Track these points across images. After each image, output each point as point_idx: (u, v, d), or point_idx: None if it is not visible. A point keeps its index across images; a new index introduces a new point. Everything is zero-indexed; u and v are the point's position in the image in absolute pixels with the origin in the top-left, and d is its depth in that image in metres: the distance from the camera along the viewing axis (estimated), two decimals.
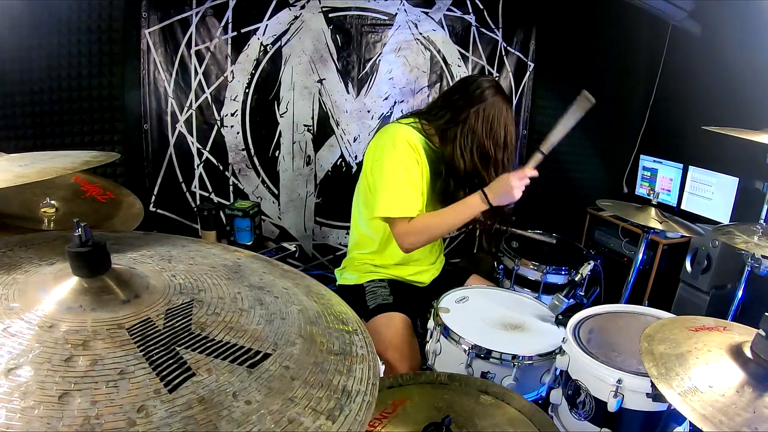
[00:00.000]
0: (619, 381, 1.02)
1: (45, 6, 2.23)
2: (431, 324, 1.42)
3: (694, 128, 1.95)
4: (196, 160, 2.70)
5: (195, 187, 2.74)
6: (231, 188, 2.80)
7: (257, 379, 0.50)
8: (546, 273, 1.83)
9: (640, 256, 1.85)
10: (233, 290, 0.65)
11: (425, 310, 1.62)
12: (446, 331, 1.33)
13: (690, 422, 0.78)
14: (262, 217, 2.75)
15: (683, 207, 2.86)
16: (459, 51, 2.88)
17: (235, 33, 2.57)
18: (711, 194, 2.69)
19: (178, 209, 2.74)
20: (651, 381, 0.95)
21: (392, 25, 2.77)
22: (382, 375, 1.20)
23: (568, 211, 3.25)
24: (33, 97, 2.34)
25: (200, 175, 2.73)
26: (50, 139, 2.41)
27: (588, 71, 3.08)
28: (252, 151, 2.76)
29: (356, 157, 2.91)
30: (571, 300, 1.43)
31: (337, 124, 2.84)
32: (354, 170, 2.92)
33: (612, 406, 1.03)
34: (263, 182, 2.83)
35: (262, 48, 2.62)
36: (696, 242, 2.46)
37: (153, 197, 2.68)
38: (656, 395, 1.00)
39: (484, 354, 1.25)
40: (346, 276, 1.78)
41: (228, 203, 2.46)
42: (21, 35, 2.22)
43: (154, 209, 2.69)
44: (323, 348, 0.59)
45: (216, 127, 2.68)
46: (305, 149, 2.83)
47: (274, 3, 2.58)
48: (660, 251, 2.62)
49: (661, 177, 3.04)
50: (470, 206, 1.52)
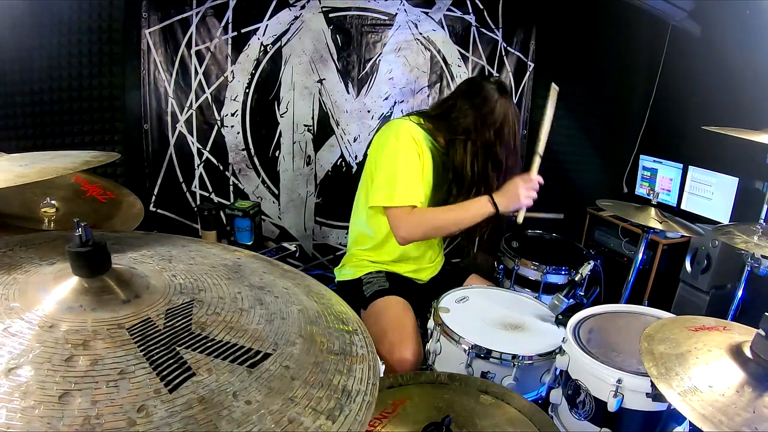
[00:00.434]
0: (619, 381, 1.02)
1: (45, 6, 2.23)
2: (431, 324, 1.42)
3: (694, 128, 1.95)
4: (197, 160, 2.70)
5: (195, 187, 2.74)
6: (231, 188, 2.80)
7: (257, 379, 0.50)
8: (546, 273, 1.83)
9: (640, 256, 1.85)
10: (233, 290, 0.65)
11: (423, 309, 1.62)
12: (446, 331, 1.33)
13: (690, 422, 0.78)
14: (263, 217, 2.75)
15: (683, 207, 2.86)
16: (459, 51, 2.88)
17: (236, 33, 2.57)
18: (711, 194, 2.69)
19: (179, 209, 2.74)
20: (651, 381, 0.95)
21: (392, 25, 2.77)
22: (382, 374, 1.20)
23: (568, 211, 3.25)
24: (33, 97, 2.33)
25: (200, 175, 2.73)
26: (50, 139, 2.41)
27: (588, 71, 3.08)
28: (252, 151, 2.77)
29: (356, 157, 2.91)
30: (571, 300, 1.43)
31: (338, 124, 2.84)
32: (354, 170, 2.92)
33: (612, 406, 1.03)
34: (263, 182, 2.83)
35: (263, 48, 2.62)
36: (696, 242, 2.47)
37: (153, 197, 2.68)
38: (656, 395, 1.00)
39: (484, 354, 1.25)
40: (345, 272, 1.78)
41: (228, 203, 2.46)
42: (21, 35, 2.22)
43: (155, 209, 2.69)
44: (323, 348, 0.59)
45: (216, 127, 2.68)
46: (305, 149, 2.83)
47: (275, 3, 2.58)
48: (660, 251, 2.62)
49: (661, 177, 3.04)
50: (476, 208, 1.51)
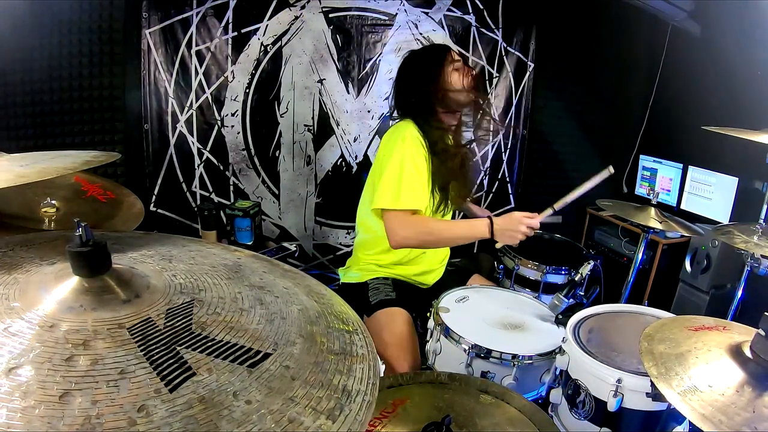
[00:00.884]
0: (619, 380, 1.03)
1: (46, 6, 2.23)
2: (431, 323, 1.42)
3: (694, 128, 1.95)
4: (197, 160, 2.70)
5: (195, 187, 2.74)
6: (231, 188, 2.80)
7: (257, 379, 0.50)
8: (546, 273, 1.83)
9: (640, 256, 1.85)
10: (234, 290, 0.65)
11: (424, 308, 1.62)
12: (446, 331, 1.33)
13: (690, 422, 0.78)
14: (263, 217, 2.75)
15: (683, 207, 2.86)
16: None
17: (236, 33, 2.57)
18: (710, 194, 2.69)
19: (179, 209, 2.74)
20: (651, 380, 0.95)
21: (392, 26, 2.77)
22: (382, 374, 1.20)
23: (568, 211, 3.26)
24: (34, 97, 2.34)
25: (201, 175, 2.73)
26: (51, 139, 2.41)
27: (588, 71, 3.09)
28: (252, 151, 2.77)
29: (356, 157, 2.91)
30: (571, 300, 1.43)
31: (338, 124, 2.84)
32: (354, 170, 2.92)
33: (612, 406, 1.03)
34: (263, 182, 2.83)
35: (263, 48, 2.62)
36: (696, 242, 2.47)
37: (153, 197, 2.68)
38: (656, 395, 1.00)
39: (484, 353, 1.25)
40: (351, 274, 1.79)
41: (228, 203, 2.46)
42: (22, 35, 2.22)
43: (155, 209, 2.69)
44: (323, 348, 0.59)
45: (216, 127, 2.68)
46: (305, 149, 2.83)
47: (275, 3, 2.58)
48: (660, 251, 2.62)
49: (661, 177, 3.04)
50: (474, 228, 1.52)
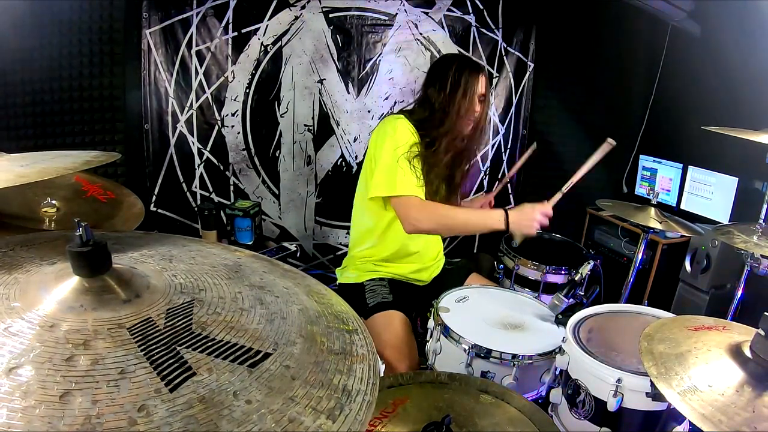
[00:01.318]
0: (619, 380, 1.03)
1: (46, 6, 2.23)
2: (431, 323, 1.42)
3: (694, 128, 1.95)
4: (197, 160, 2.70)
5: (196, 187, 2.74)
6: (231, 188, 2.80)
7: (258, 379, 0.50)
8: (546, 273, 1.83)
9: (640, 256, 1.85)
10: (234, 290, 0.65)
11: (426, 309, 1.62)
12: (446, 331, 1.33)
13: (689, 421, 0.78)
14: (263, 217, 2.75)
15: (683, 207, 2.86)
16: (459, 51, 2.88)
17: (236, 33, 2.57)
18: (710, 194, 2.69)
19: (179, 209, 2.74)
20: (650, 380, 0.95)
21: (392, 26, 2.77)
22: (382, 374, 1.20)
23: (568, 211, 3.26)
24: (34, 97, 2.34)
25: (201, 175, 2.73)
26: (51, 139, 2.41)
27: (588, 71, 3.09)
28: (252, 151, 2.77)
29: (356, 157, 2.91)
30: (571, 299, 1.43)
31: (338, 124, 2.84)
32: (354, 170, 2.92)
33: (612, 406, 1.03)
34: (264, 182, 2.83)
35: (263, 48, 2.62)
36: (695, 242, 2.47)
37: (154, 197, 2.68)
38: (656, 394, 1.00)
39: (484, 353, 1.25)
40: (347, 275, 1.79)
41: (228, 203, 2.46)
42: (22, 35, 2.22)
43: (155, 209, 2.69)
44: (323, 347, 0.59)
45: (216, 127, 2.68)
46: (306, 149, 2.83)
47: (275, 3, 2.58)
48: (659, 251, 2.62)
49: (661, 177, 3.04)
50: (489, 218, 1.53)
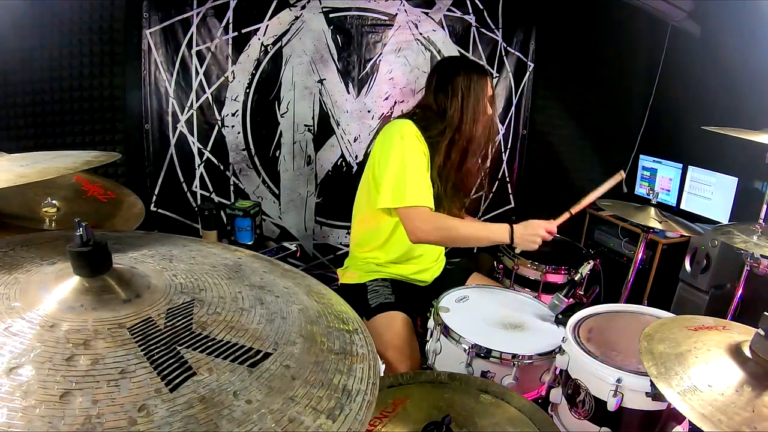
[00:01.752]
0: (619, 380, 1.03)
1: (46, 6, 2.23)
2: (431, 323, 1.42)
3: (694, 128, 1.96)
4: (197, 160, 2.71)
5: (196, 187, 2.74)
6: (232, 188, 2.80)
7: (258, 379, 0.50)
8: (546, 273, 1.83)
9: (640, 256, 1.85)
10: (234, 290, 0.65)
11: (426, 309, 1.63)
12: (446, 331, 1.33)
13: (689, 421, 0.78)
14: (263, 217, 2.75)
15: (682, 207, 2.86)
16: (459, 51, 2.88)
17: (236, 33, 2.57)
18: (710, 194, 2.69)
19: (179, 209, 2.74)
20: (650, 380, 0.95)
21: (392, 26, 2.77)
22: (383, 374, 1.20)
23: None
24: (34, 97, 2.34)
25: (201, 175, 2.73)
26: (51, 139, 2.41)
27: (588, 71, 3.09)
28: (253, 151, 2.77)
29: (357, 157, 2.91)
30: (571, 299, 1.43)
31: (338, 124, 2.84)
32: (354, 170, 2.92)
33: (611, 405, 1.03)
34: (264, 182, 2.83)
35: (263, 48, 2.63)
36: (695, 242, 2.46)
37: (154, 197, 2.68)
38: (656, 394, 1.00)
39: (484, 353, 1.25)
40: (349, 275, 1.78)
41: (229, 203, 2.46)
42: (23, 35, 2.22)
43: (155, 209, 2.69)
44: (324, 347, 0.59)
45: (217, 127, 2.68)
46: (306, 149, 2.83)
47: (275, 3, 2.58)
48: (659, 251, 2.62)
49: (661, 177, 3.04)
50: (494, 233, 1.55)
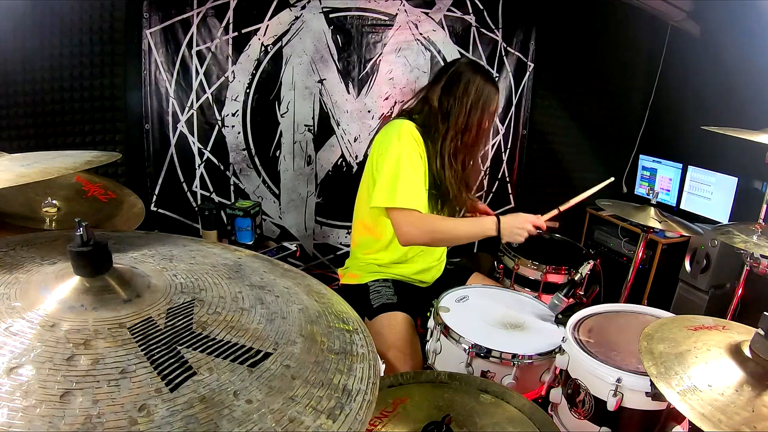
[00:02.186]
0: (619, 380, 1.03)
1: (47, 7, 2.23)
2: (431, 323, 1.42)
3: (693, 128, 1.95)
4: (197, 160, 2.71)
5: (196, 187, 2.74)
6: (232, 188, 2.80)
7: (258, 378, 0.50)
8: (546, 273, 1.83)
9: (640, 256, 1.85)
10: (234, 289, 0.65)
11: (426, 309, 1.63)
12: (446, 330, 1.33)
13: (689, 421, 0.78)
14: (263, 217, 2.75)
15: (682, 206, 2.86)
16: (459, 51, 2.88)
17: (236, 33, 2.57)
18: (710, 194, 2.69)
19: (180, 209, 2.74)
20: (650, 380, 0.95)
21: (392, 26, 2.76)
22: (383, 374, 1.20)
23: (568, 211, 3.26)
24: (35, 98, 2.33)
25: (201, 175, 2.73)
26: (52, 139, 2.41)
27: (588, 71, 3.09)
28: (253, 151, 2.77)
29: (357, 157, 2.91)
30: (571, 299, 1.43)
31: (338, 124, 2.84)
32: (355, 170, 2.92)
33: (611, 405, 1.03)
34: (264, 182, 2.83)
35: (263, 48, 2.63)
36: (695, 242, 2.46)
37: (154, 197, 2.68)
38: (655, 394, 1.00)
39: (484, 353, 1.26)
40: (350, 275, 1.78)
41: (229, 203, 2.47)
42: (23, 36, 2.22)
43: (156, 209, 2.69)
44: (324, 347, 0.59)
45: (217, 127, 2.68)
46: (306, 149, 2.83)
47: (275, 3, 2.58)
48: (659, 251, 2.62)
49: (661, 177, 3.04)
50: (481, 226, 1.54)
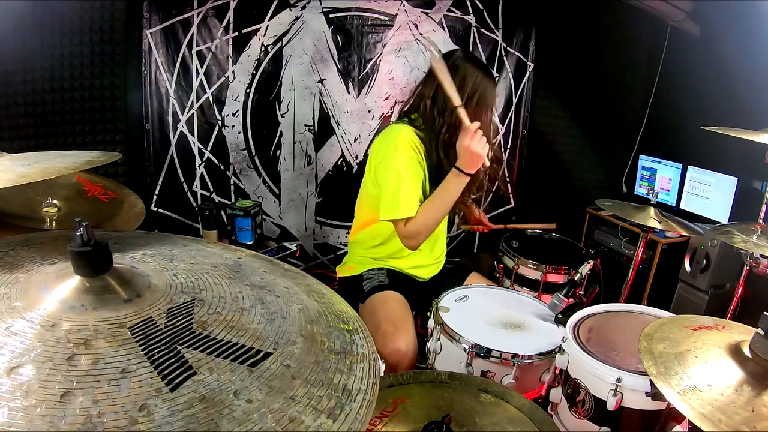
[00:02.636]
0: (619, 380, 1.03)
1: (47, 7, 2.23)
2: (431, 323, 1.42)
3: (693, 128, 1.95)
4: (198, 160, 2.71)
5: (196, 187, 2.75)
6: (232, 188, 2.80)
7: (258, 378, 0.50)
8: (546, 272, 1.83)
9: (640, 256, 1.85)
10: (234, 289, 0.65)
11: (424, 307, 1.63)
12: (446, 330, 1.33)
13: (689, 421, 0.78)
14: (263, 217, 2.76)
15: (682, 206, 2.86)
16: (459, 48, 2.88)
17: (236, 33, 2.58)
18: (710, 194, 2.69)
19: (180, 209, 2.74)
20: (650, 380, 0.95)
21: (393, 26, 2.76)
22: (383, 373, 1.20)
23: (568, 211, 3.26)
24: (35, 98, 2.34)
25: (201, 175, 2.74)
26: (52, 139, 2.41)
27: (587, 71, 3.08)
28: (253, 151, 2.77)
29: (357, 157, 2.91)
30: (571, 299, 1.43)
31: (338, 124, 2.84)
32: (355, 170, 2.92)
33: (611, 405, 1.03)
34: (264, 182, 2.83)
35: (263, 48, 2.63)
36: (695, 241, 2.46)
37: (154, 197, 2.68)
38: (655, 394, 1.00)
39: (484, 353, 1.26)
40: (347, 269, 1.81)
41: (229, 203, 2.47)
42: (23, 36, 2.22)
43: (156, 209, 2.70)
44: (324, 347, 0.59)
45: (217, 127, 2.68)
46: (306, 149, 2.84)
47: (275, 3, 2.58)
48: (659, 250, 2.62)
49: (660, 177, 3.04)
50: (452, 184, 1.52)
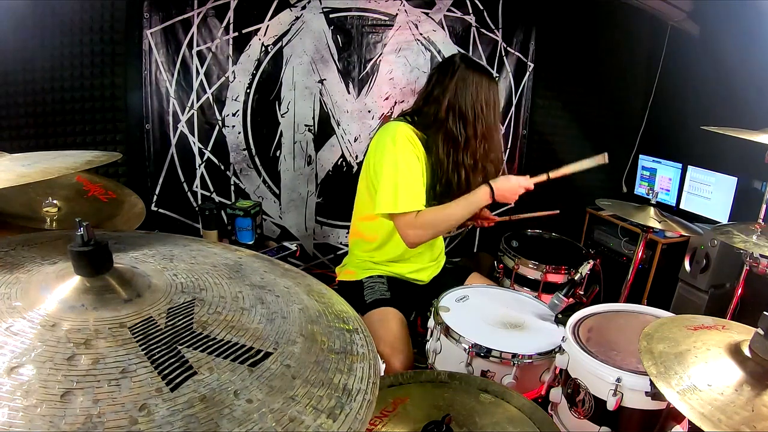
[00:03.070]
0: (618, 380, 1.03)
1: (48, 7, 2.24)
2: (431, 323, 1.42)
3: (693, 128, 1.95)
4: (198, 160, 2.71)
5: (196, 187, 2.75)
6: (232, 188, 2.80)
7: (258, 378, 0.51)
8: (546, 272, 1.83)
9: (639, 256, 1.85)
10: (234, 289, 0.65)
11: (425, 308, 1.63)
12: (446, 330, 1.33)
13: (689, 420, 0.78)
14: (264, 217, 2.76)
15: (682, 206, 2.86)
16: (459, 51, 2.88)
17: (237, 33, 2.58)
18: (710, 194, 2.69)
19: (180, 209, 2.74)
20: (650, 379, 0.95)
21: (393, 26, 2.77)
22: (383, 373, 1.20)
23: (568, 211, 3.26)
24: (35, 98, 2.34)
25: (202, 175, 2.74)
26: (53, 139, 2.42)
27: (587, 71, 3.09)
28: (253, 151, 2.77)
29: (357, 157, 2.91)
30: (571, 299, 1.43)
31: (338, 124, 2.84)
32: (355, 170, 2.92)
33: (611, 405, 1.03)
34: (264, 182, 2.83)
35: (263, 48, 2.63)
36: (695, 241, 2.46)
37: (155, 197, 2.68)
38: (655, 394, 1.00)
39: (484, 353, 1.26)
40: (346, 272, 1.79)
41: (229, 203, 2.47)
42: (24, 36, 2.22)
43: (156, 209, 2.70)
44: (324, 347, 0.60)
45: (217, 127, 2.69)
46: (306, 149, 2.84)
47: (275, 4, 2.58)
48: (659, 250, 2.62)
49: (660, 176, 3.04)
50: (477, 199, 1.54)
